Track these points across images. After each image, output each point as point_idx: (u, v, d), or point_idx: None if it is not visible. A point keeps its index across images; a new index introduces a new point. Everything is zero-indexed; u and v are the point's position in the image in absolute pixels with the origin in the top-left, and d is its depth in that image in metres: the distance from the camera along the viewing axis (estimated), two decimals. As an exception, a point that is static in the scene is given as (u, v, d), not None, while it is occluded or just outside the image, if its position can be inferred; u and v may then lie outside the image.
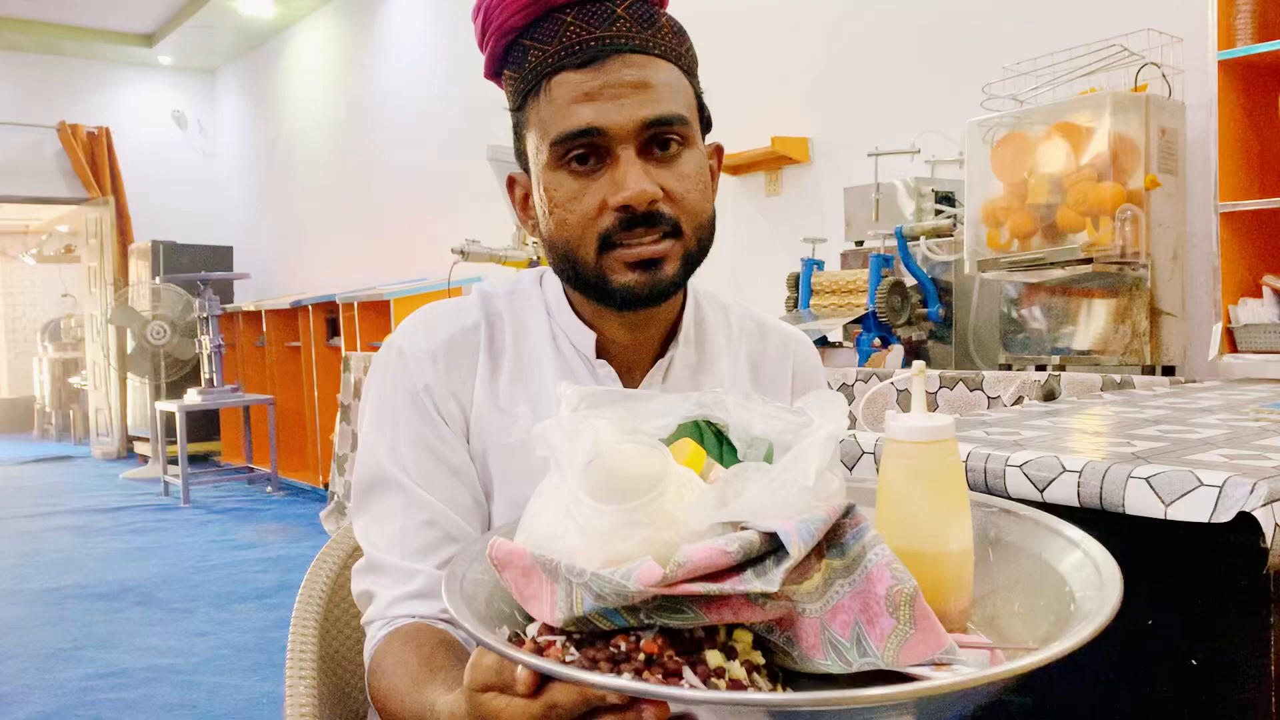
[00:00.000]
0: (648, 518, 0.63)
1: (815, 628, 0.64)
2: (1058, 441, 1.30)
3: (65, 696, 3.22)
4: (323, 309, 6.90)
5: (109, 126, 9.52)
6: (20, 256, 13.21)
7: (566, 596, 0.63)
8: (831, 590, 0.64)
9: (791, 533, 0.61)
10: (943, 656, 0.62)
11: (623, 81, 0.93)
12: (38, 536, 5.89)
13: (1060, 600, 0.70)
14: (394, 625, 0.95)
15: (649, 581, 0.59)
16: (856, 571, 0.64)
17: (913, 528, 0.69)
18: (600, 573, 0.60)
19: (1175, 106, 2.59)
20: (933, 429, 0.70)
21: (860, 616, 0.63)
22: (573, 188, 0.95)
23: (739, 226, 4.46)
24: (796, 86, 4.22)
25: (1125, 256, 2.47)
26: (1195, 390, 2.06)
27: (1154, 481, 1.02)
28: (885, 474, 0.72)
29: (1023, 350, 2.74)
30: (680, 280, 0.98)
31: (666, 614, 0.61)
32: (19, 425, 13.11)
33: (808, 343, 1.21)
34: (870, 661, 0.62)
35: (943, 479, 0.70)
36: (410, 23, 7.03)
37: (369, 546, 1.00)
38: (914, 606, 0.62)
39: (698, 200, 0.97)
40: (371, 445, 1.02)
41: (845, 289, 3.05)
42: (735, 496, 0.66)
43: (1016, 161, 2.62)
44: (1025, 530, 0.79)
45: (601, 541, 0.63)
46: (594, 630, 0.63)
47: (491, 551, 0.68)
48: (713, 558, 0.60)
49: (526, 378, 1.04)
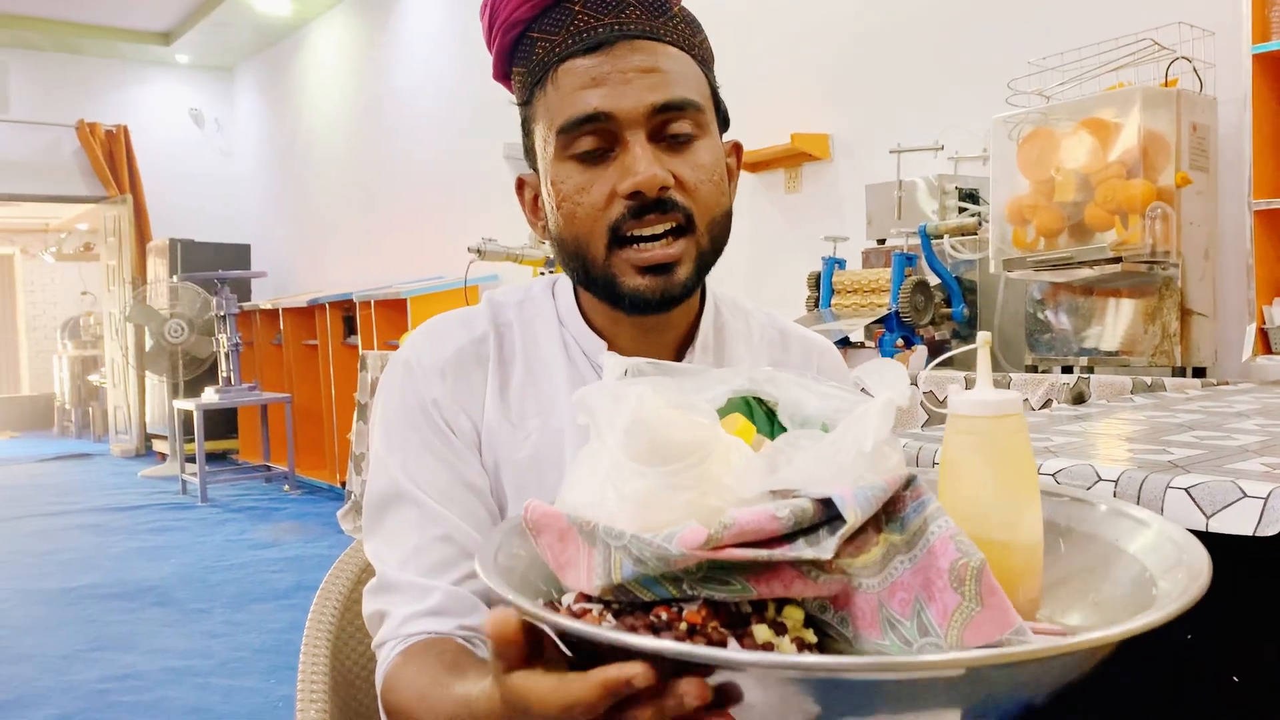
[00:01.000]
0: (692, 481, 0.59)
1: (872, 605, 0.59)
2: (1090, 448, 1.26)
3: (82, 699, 3.21)
4: (339, 307, 6.89)
5: (127, 125, 9.54)
6: (40, 254, 13.30)
7: (604, 561, 0.58)
8: (890, 566, 0.59)
9: (848, 499, 0.57)
10: (1012, 637, 0.56)
11: (632, 66, 0.89)
12: (55, 535, 5.90)
13: (1142, 587, 0.65)
14: (408, 643, 0.91)
15: (693, 544, 0.54)
16: (917, 546, 0.58)
17: (978, 506, 0.64)
18: (640, 535, 0.56)
19: (1207, 102, 2.53)
20: (1001, 402, 0.65)
21: (921, 593, 0.57)
22: (581, 179, 0.91)
23: (758, 225, 4.42)
24: (816, 82, 4.17)
25: (1155, 255, 2.41)
26: (1229, 393, 2.01)
27: (1194, 492, 0.99)
28: (949, 451, 0.67)
29: (1049, 351, 2.69)
30: (692, 284, 0.93)
31: (712, 585, 0.57)
32: (39, 422, 13.19)
33: (832, 350, 1.16)
34: (932, 642, 0.57)
35: (1012, 456, 0.65)
36: (426, 20, 7.01)
37: (381, 565, 0.96)
38: (981, 581, 0.56)
39: (712, 192, 0.93)
40: (383, 462, 0.98)
41: (867, 288, 3.01)
42: (786, 463, 0.61)
43: (1043, 158, 2.56)
44: (1098, 517, 0.74)
45: (641, 506, 0.59)
46: (633, 600, 0.59)
47: (527, 514, 0.64)
48: (761, 522, 0.56)
49: (538, 389, 1.00)
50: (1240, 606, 0.97)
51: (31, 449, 10.68)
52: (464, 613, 0.92)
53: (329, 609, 1.11)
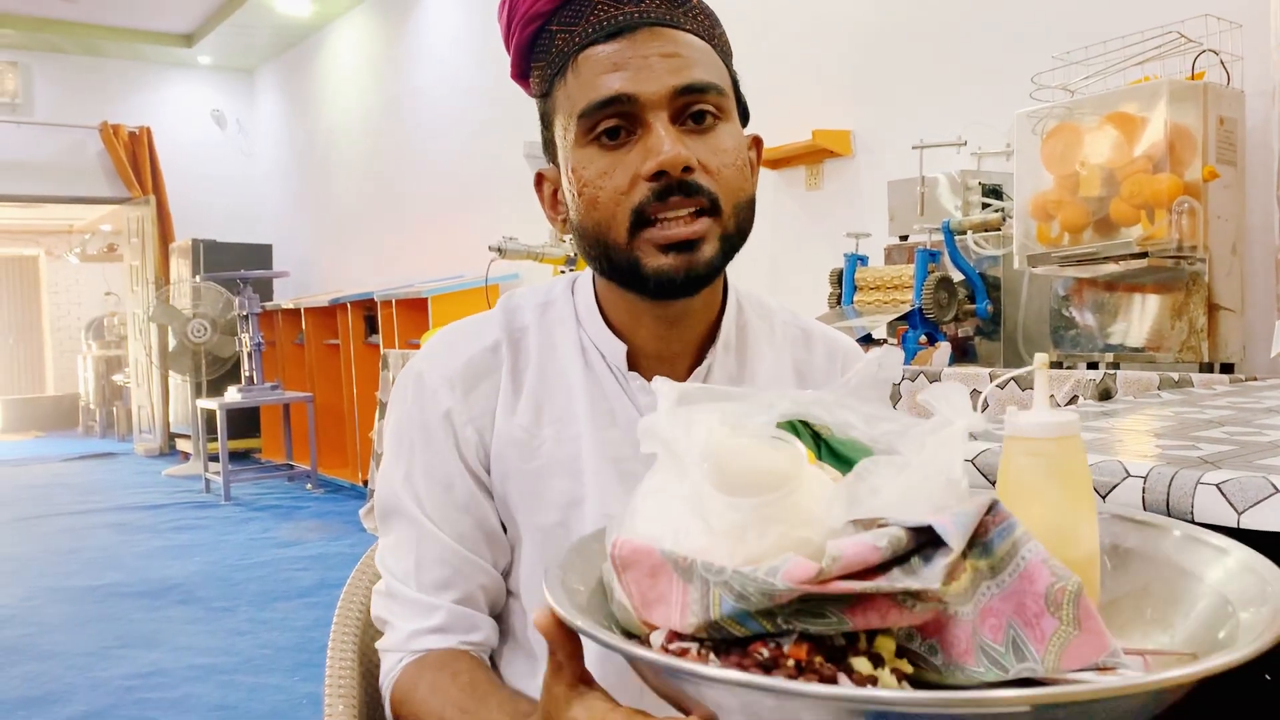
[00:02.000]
0: (783, 513, 0.57)
1: (966, 632, 0.57)
2: (1118, 444, 1.24)
3: (109, 696, 3.23)
4: (361, 306, 6.92)
5: (150, 126, 9.61)
6: (65, 256, 13.40)
7: (702, 598, 0.57)
8: (979, 592, 0.58)
9: (949, 527, 0.56)
10: (1108, 660, 0.55)
11: (653, 51, 0.89)
12: (81, 533, 5.95)
13: (1218, 611, 0.64)
14: (414, 656, 0.95)
15: (801, 578, 0.53)
16: (1005, 571, 0.58)
17: (1041, 527, 0.63)
18: (742, 570, 0.55)
19: (1234, 95, 2.51)
20: (1062, 424, 0.64)
21: (1014, 618, 0.57)
22: (603, 163, 0.90)
23: (780, 221, 4.41)
24: (838, 78, 4.16)
25: (1182, 250, 2.39)
26: (1258, 389, 1.99)
27: (1225, 488, 0.97)
28: (1010, 473, 0.66)
29: (1074, 347, 2.67)
30: (719, 264, 0.91)
31: (806, 619, 0.55)
32: (64, 422, 13.31)
33: (857, 351, 1.13)
34: (1029, 668, 0.56)
35: (1072, 476, 0.65)
36: (445, 19, 7.03)
37: (387, 573, 0.99)
38: (1078, 605, 0.56)
39: (735, 177, 0.91)
40: (389, 471, 1.00)
41: (890, 285, 2.99)
42: (870, 493, 0.60)
43: (1067, 153, 2.54)
44: (1154, 538, 0.73)
45: (736, 538, 0.57)
46: (727, 637, 0.57)
47: (615, 550, 0.62)
48: (865, 554, 0.55)
49: (552, 398, 0.99)
50: (1274, 604, 0.95)
51: (56, 449, 10.78)
52: (467, 630, 0.96)
53: (355, 606, 1.11)
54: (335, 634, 1.05)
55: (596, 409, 0.97)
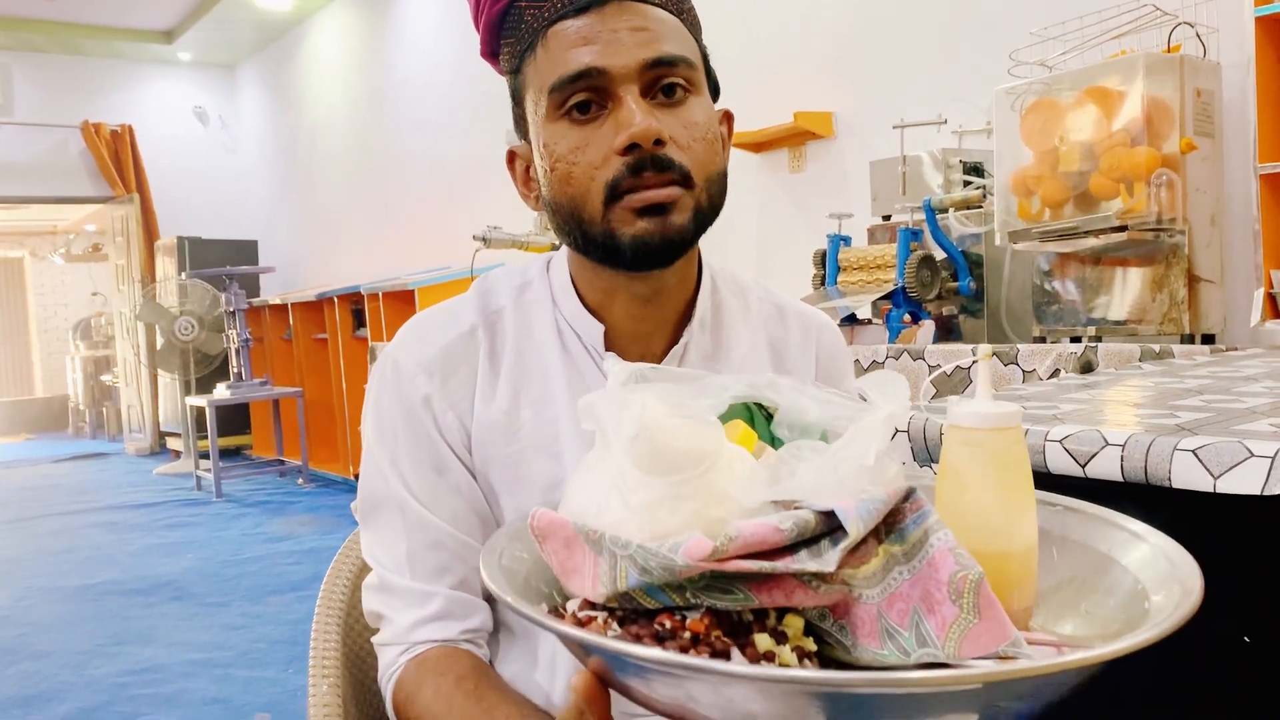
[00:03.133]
0: (696, 491, 0.60)
1: (872, 615, 0.60)
2: (1098, 414, 1.25)
3: (102, 693, 3.23)
4: (348, 300, 6.91)
5: (132, 124, 9.57)
6: (49, 256, 13.34)
7: (610, 570, 0.59)
8: (890, 577, 0.60)
9: (850, 512, 0.58)
10: (1008, 649, 0.57)
11: (622, 25, 0.89)
12: (73, 533, 5.94)
13: (1134, 598, 0.65)
14: (415, 651, 0.94)
15: (698, 555, 0.55)
16: (916, 558, 0.59)
17: (976, 518, 0.65)
18: (646, 545, 0.57)
19: (1211, 67, 2.52)
20: (1001, 415, 0.65)
21: (920, 604, 0.59)
22: (575, 138, 0.89)
23: (763, 204, 4.41)
24: (818, 59, 4.16)
25: (1161, 223, 2.40)
26: (1238, 358, 2.00)
27: (1201, 454, 0.98)
28: (948, 461, 0.67)
29: (1057, 322, 2.68)
30: (691, 235, 0.91)
31: (714, 594, 0.58)
32: (54, 424, 13.26)
33: (832, 326, 1.13)
34: (929, 653, 0.58)
35: (1010, 468, 0.65)
36: (427, 10, 7.00)
37: (377, 566, 0.98)
38: (979, 594, 0.57)
39: (706, 150, 0.91)
40: (374, 461, 0.99)
41: (873, 265, 3.00)
42: (789, 474, 0.62)
43: (1046, 129, 2.55)
44: (1089, 527, 0.74)
45: (647, 515, 0.60)
46: (637, 608, 0.60)
47: (533, 521, 0.65)
48: (765, 534, 0.57)
49: (529, 381, 0.98)
50: (1250, 566, 0.97)
51: (47, 450, 10.74)
52: (465, 616, 0.96)
53: (337, 591, 1.12)
54: (319, 619, 1.06)
55: (574, 389, 0.97)
